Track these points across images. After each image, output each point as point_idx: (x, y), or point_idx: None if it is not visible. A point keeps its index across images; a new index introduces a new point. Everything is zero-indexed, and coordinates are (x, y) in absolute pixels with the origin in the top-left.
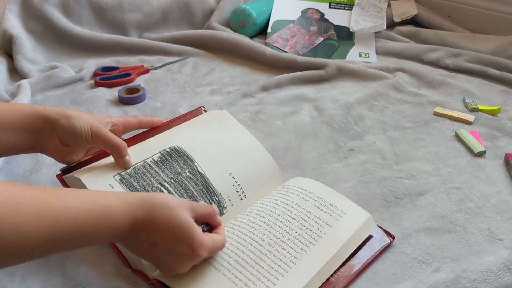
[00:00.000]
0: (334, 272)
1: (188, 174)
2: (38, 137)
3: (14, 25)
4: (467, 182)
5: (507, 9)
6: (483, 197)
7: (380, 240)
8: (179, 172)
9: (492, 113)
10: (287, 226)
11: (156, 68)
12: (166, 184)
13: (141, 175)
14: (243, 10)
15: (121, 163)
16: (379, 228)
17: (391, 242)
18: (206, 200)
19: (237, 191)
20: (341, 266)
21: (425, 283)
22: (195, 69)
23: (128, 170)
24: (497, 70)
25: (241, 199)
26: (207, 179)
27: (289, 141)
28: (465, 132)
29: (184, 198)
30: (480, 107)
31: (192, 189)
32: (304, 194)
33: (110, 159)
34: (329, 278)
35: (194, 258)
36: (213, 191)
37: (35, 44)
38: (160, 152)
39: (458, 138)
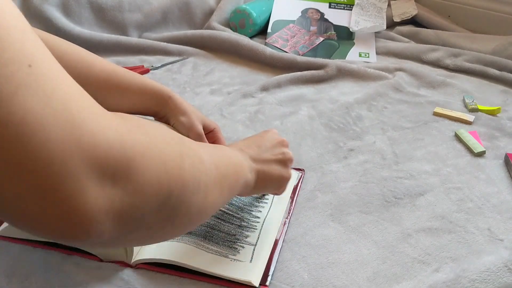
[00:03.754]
0: None
1: None
2: (151, 113)
3: None
4: (467, 182)
5: (507, 9)
6: (483, 197)
7: (296, 179)
8: None
9: (492, 113)
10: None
11: (156, 68)
12: None
13: None
14: (243, 10)
15: None
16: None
17: (303, 174)
18: None
19: None
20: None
21: (425, 283)
22: (195, 69)
23: None
24: (497, 70)
25: None
26: None
27: (288, 141)
28: (465, 132)
29: None
30: (480, 107)
31: None
32: None
33: None
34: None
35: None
36: None
37: None
38: None
39: (458, 138)
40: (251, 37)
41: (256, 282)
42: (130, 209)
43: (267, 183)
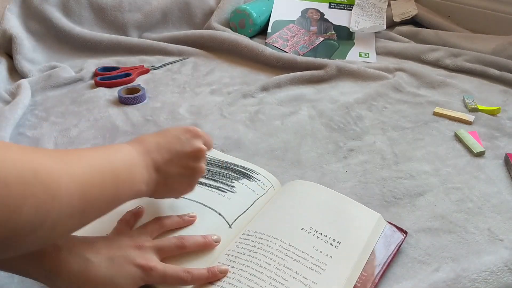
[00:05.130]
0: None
1: None
2: None
3: (14, 25)
4: (466, 182)
5: (507, 9)
6: (483, 197)
7: (393, 237)
8: None
9: (492, 113)
10: (303, 242)
11: (156, 68)
12: None
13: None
14: (243, 10)
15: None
16: (390, 225)
17: (405, 237)
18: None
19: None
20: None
21: (425, 282)
22: (195, 69)
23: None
24: (497, 70)
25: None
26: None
27: (288, 141)
28: (464, 132)
29: None
30: (480, 107)
31: None
32: (312, 202)
33: None
34: (354, 285)
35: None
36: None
37: (35, 44)
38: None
39: (457, 138)
40: (251, 37)
41: None
42: None
43: (169, 193)
